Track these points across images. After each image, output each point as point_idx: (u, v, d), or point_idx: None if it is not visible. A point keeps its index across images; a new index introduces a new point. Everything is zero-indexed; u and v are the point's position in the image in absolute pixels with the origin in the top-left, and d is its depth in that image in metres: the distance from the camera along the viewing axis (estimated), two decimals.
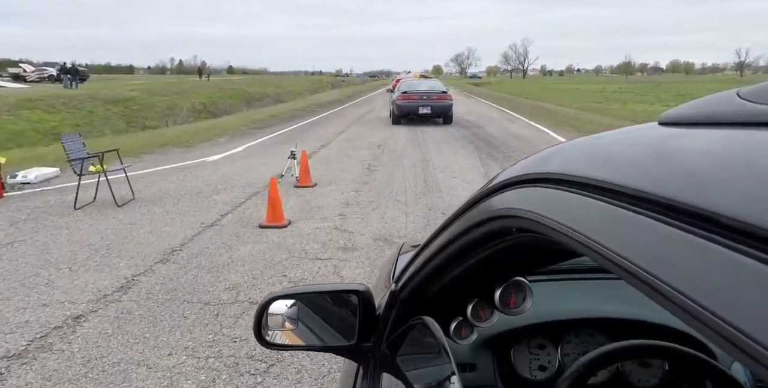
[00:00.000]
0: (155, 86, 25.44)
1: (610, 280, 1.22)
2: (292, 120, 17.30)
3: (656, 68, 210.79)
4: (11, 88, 25.82)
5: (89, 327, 3.12)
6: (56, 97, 16.80)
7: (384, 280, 1.31)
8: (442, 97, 15.34)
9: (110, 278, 3.88)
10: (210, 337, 3.01)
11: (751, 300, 0.27)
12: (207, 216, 5.55)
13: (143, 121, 17.33)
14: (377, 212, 5.76)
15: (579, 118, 17.34)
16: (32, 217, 5.54)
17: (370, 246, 4.61)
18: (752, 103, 0.40)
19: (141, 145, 10.83)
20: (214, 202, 6.16)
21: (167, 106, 19.84)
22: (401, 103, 15.15)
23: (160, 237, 4.86)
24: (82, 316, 3.26)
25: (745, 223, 0.29)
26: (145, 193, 6.59)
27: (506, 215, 0.58)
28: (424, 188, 6.89)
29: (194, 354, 2.83)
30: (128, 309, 3.36)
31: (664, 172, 0.38)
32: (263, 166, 8.49)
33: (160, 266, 4.15)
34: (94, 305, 3.42)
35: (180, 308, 3.37)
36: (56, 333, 3.04)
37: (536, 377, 1.14)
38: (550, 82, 73.35)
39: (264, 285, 3.77)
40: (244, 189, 6.83)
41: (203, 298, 3.53)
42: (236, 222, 5.32)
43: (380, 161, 9.08)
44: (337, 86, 51.28)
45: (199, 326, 3.14)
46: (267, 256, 4.36)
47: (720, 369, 0.91)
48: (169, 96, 21.55)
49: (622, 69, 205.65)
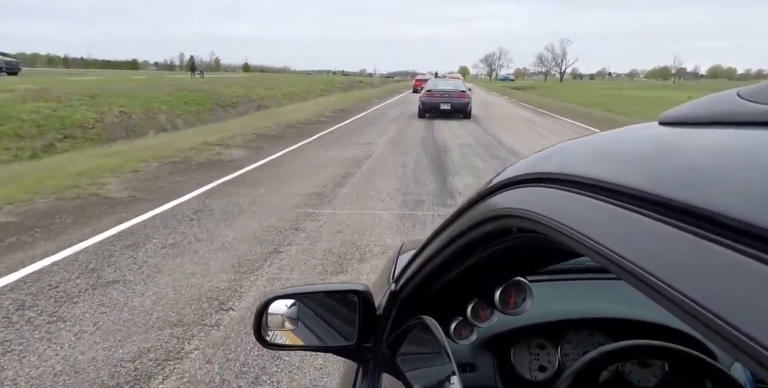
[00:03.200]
0: (70, 85, 17.22)
1: (610, 280, 1.22)
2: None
3: (694, 73, 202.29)
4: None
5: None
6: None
7: (384, 280, 1.29)
8: (462, 96, 17.32)
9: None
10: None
11: (752, 300, 0.27)
12: None
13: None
14: None
15: None
16: None
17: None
18: (752, 103, 0.40)
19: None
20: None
21: (41, 119, 11.33)
22: (425, 100, 17.31)
23: None
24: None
25: (746, 223, 0.29)
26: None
27: (506, 215, 0.58)
28: None
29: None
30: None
31: (664, 171, 0.38)
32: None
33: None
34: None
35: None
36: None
37: (536, 377, 1.14)
38: (597, 87, 63.03)
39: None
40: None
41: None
42: None
43: None
44: (350, 88, 41.89)
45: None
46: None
47: (720, 369, 0.92)
48: (67, 102, 13.11)
49: (658, 73, 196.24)
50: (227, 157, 9.38)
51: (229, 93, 21.35)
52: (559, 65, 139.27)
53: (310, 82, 38.99)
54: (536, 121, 17.85)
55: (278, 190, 6.76)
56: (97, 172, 7.59)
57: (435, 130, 14.17)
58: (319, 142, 11.65)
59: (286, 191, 6.68)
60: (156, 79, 28.53)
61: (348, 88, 42.27)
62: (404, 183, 7.30)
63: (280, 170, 8.15)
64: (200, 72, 38.83)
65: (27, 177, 7.25)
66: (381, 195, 6.60)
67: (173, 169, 8.13)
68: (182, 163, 8.62)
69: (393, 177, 7.72)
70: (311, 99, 28.14)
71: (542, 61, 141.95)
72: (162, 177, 7.48)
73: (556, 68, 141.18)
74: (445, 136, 12.94)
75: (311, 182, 7.23)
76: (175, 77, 34.43)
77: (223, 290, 3.69)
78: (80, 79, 26.21)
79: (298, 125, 14.88)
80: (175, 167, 8.26)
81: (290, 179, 7.44)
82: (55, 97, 13.34)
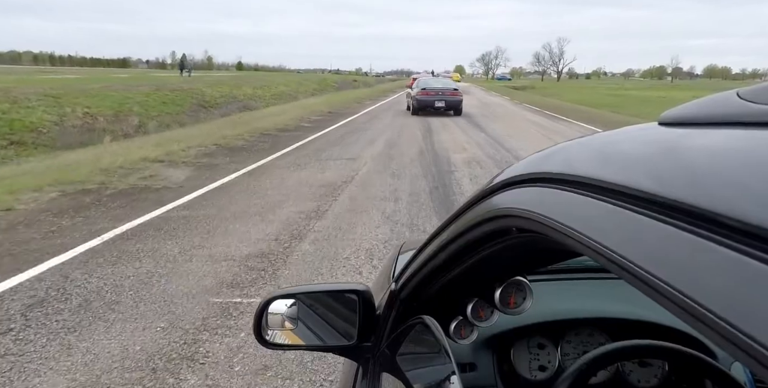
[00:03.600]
0: (40, 84, 16.37)
1: (610, 280, 1.22)
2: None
3: (690, 73, 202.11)
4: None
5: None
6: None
7: (384, 279, 1.28)
8: (454, 94, 18.20)
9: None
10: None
11: (752, 300, 0.27)
12: None
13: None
14: None
15: None
16: None
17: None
18: (752, 104, 0.40)
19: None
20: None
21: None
22: (420, 98, 17.77)
23: None
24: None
25: (746, 223, 0.29)
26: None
27: (506, 215, 0.58)
28: None
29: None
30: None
31: (664, 171, 0.39)
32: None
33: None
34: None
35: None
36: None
37: (536, 376, 1.14)
38: (599, 87, 60.28)
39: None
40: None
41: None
42: None
43: None
44: (345, 87, 39.86)
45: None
46: None
47: (720, 369, 0.91)
48: (23, 103, 11.42)
49: (653, 73, 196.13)
50: (160, 181, 6.99)
51: (213, 93, 19.71)
52: (557, 64, 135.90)
53: (301, 81, 36.95)
54: (549, 127, 15.54)
55: (203, 246, 4.43)
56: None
57: (434, 139, 11.84)
58: (291, 156, 9.26)
59: (215, 250, 4.33)
60: (140, 77, 26.86)
61: (342, 87, 40.15)
62: (395, 231, 4.96)
63: (222, 206, 5.77)
64: (188, 70, 36.78)
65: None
66: (359, 258, 4.25)
67: (70, 204, 5.74)
68: (91, 193, 6.22)
69: (379, 219, 5.34)
70: (302, 98, 26.23)
71: (539, 60, 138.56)
72: (39, 222, 5.04)
73: (553, 67, 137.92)
74: (447, 147, 10.60)
75: (259, 230, 4.91)
76: (161, 76, 33.40)
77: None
78: (53, 77, 24.84)
79: (274, 132, 12.51)
80: (74, 201, 5.87)
81: (230, 224, 5.10)
82: (11, 97, 11.35)
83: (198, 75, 35.89)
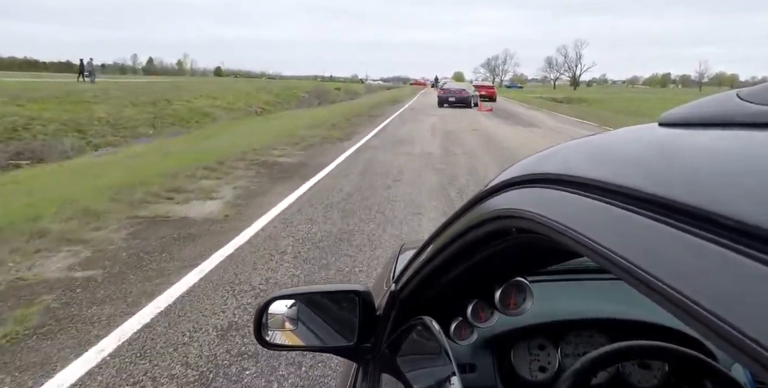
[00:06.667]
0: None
1: (610, 280, 1.22)
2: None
3: (698, 81, 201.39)
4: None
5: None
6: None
7: (384, 280, 1.29)
8: (462, 93, 27.36)
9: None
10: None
11: (751, 301, 0.27)
12: None
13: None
14: None
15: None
16: None
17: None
18: (752, 104, 0.40)
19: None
20: None
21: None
22: (440, 95, 27.89)
23: None
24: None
25: (745, 223, 0.29)
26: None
27: (506, 216, 0.58)
28: None
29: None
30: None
31: (664, 172, 0.39)
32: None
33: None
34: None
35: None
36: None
37: (536, 377, 1.14)
38: (626, 95, 56.40)
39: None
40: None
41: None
42: None
43: None
44: (320, 99, 29.62)
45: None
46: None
47: (720, 370, 0.91)
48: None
49: (659, 80, 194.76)
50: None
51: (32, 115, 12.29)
52: (573, 70, 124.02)
53: (254, 91, 28.08)
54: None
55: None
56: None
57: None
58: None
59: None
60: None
61: (309, 101, 28.84)
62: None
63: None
64: (89, 73, 32.22)
65: None
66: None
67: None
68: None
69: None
70: (224, 123, 16.52)
71: (551, 65, 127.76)
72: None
73: (568, 73, 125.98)
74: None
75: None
76: (61, 80, 28.21)
77: None
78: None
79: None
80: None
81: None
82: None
83: (106, 81, 29.95)
